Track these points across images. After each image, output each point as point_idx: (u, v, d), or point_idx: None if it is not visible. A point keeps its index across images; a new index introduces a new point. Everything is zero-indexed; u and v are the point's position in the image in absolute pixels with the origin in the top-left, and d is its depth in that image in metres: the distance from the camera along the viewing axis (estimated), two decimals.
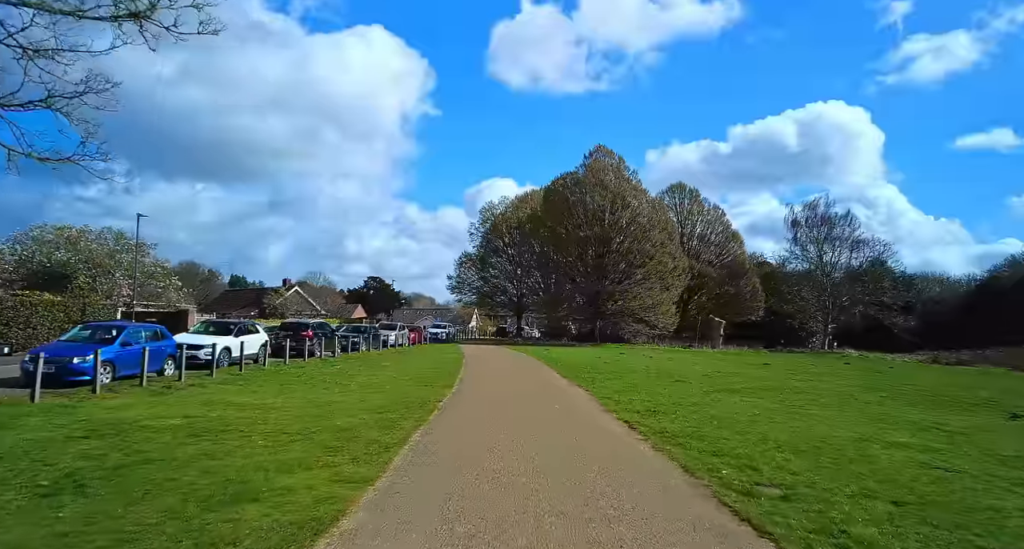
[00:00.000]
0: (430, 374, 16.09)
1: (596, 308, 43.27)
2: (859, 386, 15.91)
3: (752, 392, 13.87)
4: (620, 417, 9.19)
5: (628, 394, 12.44)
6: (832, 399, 12.88)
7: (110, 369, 12.97)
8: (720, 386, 14.92)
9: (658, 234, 40.98)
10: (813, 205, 50.66)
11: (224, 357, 17.56)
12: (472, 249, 60.11)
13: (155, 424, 8.21)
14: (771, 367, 23.31)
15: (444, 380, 14.57)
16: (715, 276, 51.44)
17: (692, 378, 16.84)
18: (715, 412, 10.18)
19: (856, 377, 19.62)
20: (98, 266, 31.58)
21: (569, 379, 15.94)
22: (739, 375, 18.49)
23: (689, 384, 15.17)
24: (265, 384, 13.67)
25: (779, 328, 52.26)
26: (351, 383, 13.99)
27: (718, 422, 9.02)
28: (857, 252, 49.12)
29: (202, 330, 18.83)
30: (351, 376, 15.60)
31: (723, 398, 12.45)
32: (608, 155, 43.57)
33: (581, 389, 13.45)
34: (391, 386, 13.41)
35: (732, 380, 16.71)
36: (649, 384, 14.87)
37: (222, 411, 9.54)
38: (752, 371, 20.84)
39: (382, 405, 10.03)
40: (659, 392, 13.02)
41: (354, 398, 11.19)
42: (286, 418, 8.81)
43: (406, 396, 11.48)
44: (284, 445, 6.74)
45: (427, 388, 12.89)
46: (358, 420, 8.27)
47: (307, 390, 12.65)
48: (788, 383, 16.42)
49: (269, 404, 10.40)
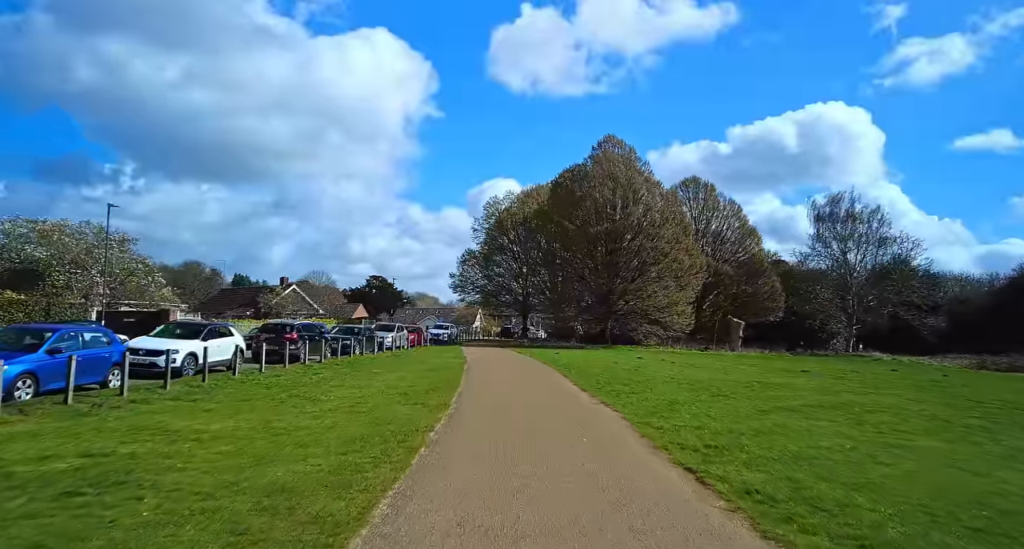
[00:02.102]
0: (424, 386, 13.67)
1: (607, 308, 40.74)
2: (937, 402, 13.37)
3: (814, 411, 11.36)
4: (675, 458, 6.74)
5: (668, 416, 9.97)
6: (922, 423, 10.36)
7: (31, 382, 10.63)
8: (771, 402, 12.43)
9: (673, 229, 38.39)
10: (836, 200, 47.92)
11: (189, 364, 15.23)
12: (476, 246, 57.66)
13: (27, 472, 5.83)
14: (811, 375, 20.75)
15: (440, 395, 12.13)
16: (732, 275, 48.74)
17: (731, 390, 14.35)
18: (792, 446, 7.71)
19: (918, 389, 17.05)
20: (74, 262, 29.37)
21: (590, 392, 13.48)
22: (784, 387, 15.97)
23: (733, 400, 12.68)
24: (224, 400, 11.28)
25: (797, 329, 49.63)
26: (328, 398, 11.58)
27: (810, 465, 6.55)
28: (883, 249, 46.38)
29: (166, 333, 16.48)
30: (331, 388, 13.20)
31: (786, 421, 9.97)
32: (618, 146, 40.92)
33: (608, 408, 10.98)
34: (375, 403, 10.99)
35: (780, 394, 14.21)
36: (686, 399, 12.39)
37: (140, 445, 7.15)
38: (794, 380, 18.30)
39: (354, 436, 7.61)
40: (703, 413, 10.54)
41: (323, 423, 8.77)
42: (215, 458, 6.42)
43: (390, 420, 9.06)
44: (175, 521, 4.32)
45: (418, 407, 10.46)
46: (308, 468, 5.83)
47: (270, 409, 10.25)
48: (846, 397, 13.90)
49: (211, 432, 8.01)
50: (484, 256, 55.86)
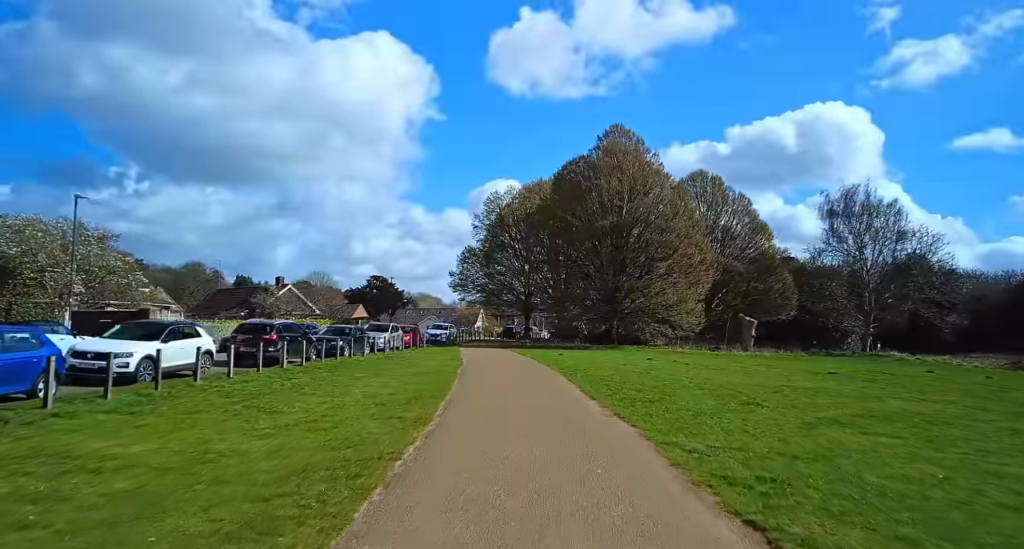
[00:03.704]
0: (407, 395, 11.89)
1: (612, 306, 38.84)
2: (1004, 411, 11.48)
3: (867, 424, 9.53)
4: (724, 501, 4.92)
5: (697, 433, 8.16)
6: (1008, 440, 8.50)
7: None
8: (811, 412, 10.60)
9: (683, 223, 36.45)
10: (851, 193, 45.95)
11: (147, 369, 13.48)
12: (476, 244, 55.82)
13: None
14: (840, 378, 18.88)
15: (422, 406, 10.34)
16: (742, 271, 46.80)
17: (760, 397, 12.52)
18: (870, 476, 5.90)
19: (969, 394, 15.14)
20: (50, 259, 27.70)
21: (599, 400, 11.65)
22: (818, 392, 14.11)
23: (766, 409, 10.84)
24: (168, 413, 9.52)
25: (810, 328, 47.67)
26: (291, 410, 9.81)
27: (909, 511, 4.75)
28: (901, 244, 44.34)
29: (123, 333, 14.74)
30: (300, 397, 11.43)
31: (841, 437, 8.15)
32: (625, 135, 38.94)
33: (623, 422, 9.15)
34: (343, 416, 9.21)
35: (817, 401, 12.36)
36: (712, 409, 10.57)
37: (11, 481, 5.41)
38: (824, 384, 16.44)
39: (295, 468, 5.82)
40: (739, 427, 8.72)
41: (267, 446, 6.99)
42: (96, 503, 4.66)
43: (352, 441, 7.27)
44: None
45: (392, 422, 8.67)
46: (202, 527, 4.03)
47: (216, 425, 8.49)
48: (895, 405, 12.06)
49: (123, 459, 6.26)
50: (485, 254, 54.02)
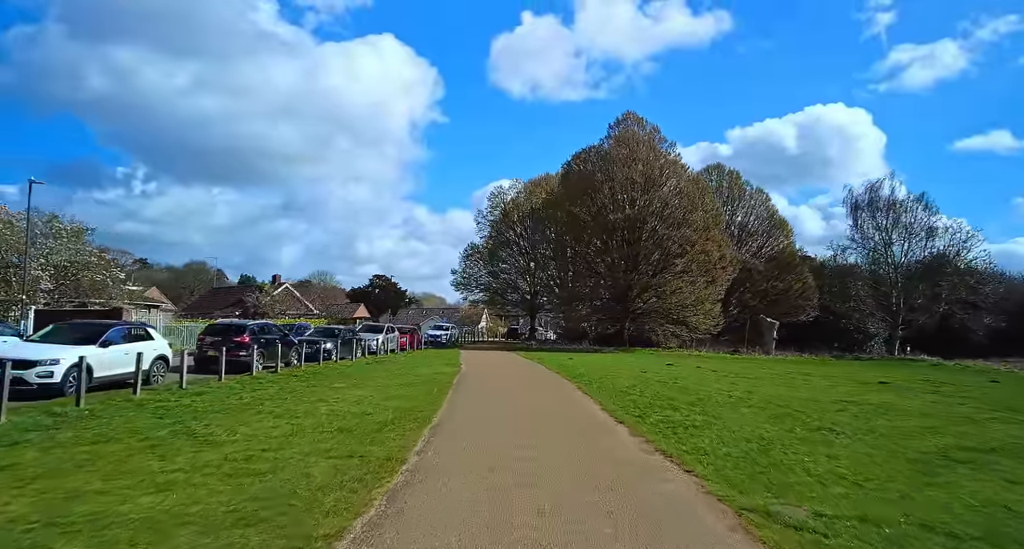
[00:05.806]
0: (386, 415, 9.52)
1: (624, 306, 36.37)
2: None
3: (996, 460, 7.10)
4: None
5: (785, 486, 5.75)
6: None
7: None
8: (907, 442, 8.18)
9: (701, 217, 33.93)
10: (876, 187, 43.28)
11: (76, 378, 11.16)
12: (479, 240, 53.45)
13: None
14: (896, 388, 16.37)
15: (400, 433, 7.97)
16: (760, 270, 44.20)
17: (828, 418, 10.09)
18: None
19: None
20: (16, 254, 25.57)
21: (628, 425, 9.20)
22: (889, 409, 11.63)
23: (846, 438, 8.40)
24: (64, 444, 7.17)
25: (831, 329, 45.06)
26: (230, 438, 7.48)
27: None
28: (931, 241, 41.61)
29: (55, 335, 12.45)
30: (251, 417, 9.08)
31: (978, 488, 5.76)
32: (639, 124, 36.38)
33: (670, 462, 6.73)
34: (292, 451, 6.85)
35: (902, 425, 9.90)
36: (776, 437, 8.15)
37: None
38: (884, 398, 13.94)
39: None
40: (832, 473, 6.32)
41: (155, 508, 4.64)
42: None
43: (281, 498, 4.91)
44: None
45: (352, 462, 6.30)
46: None
47: (114, 465, 6.15)
48: (1003, 432, 9.62)
49: None
50: (489, 251, 51.63)
